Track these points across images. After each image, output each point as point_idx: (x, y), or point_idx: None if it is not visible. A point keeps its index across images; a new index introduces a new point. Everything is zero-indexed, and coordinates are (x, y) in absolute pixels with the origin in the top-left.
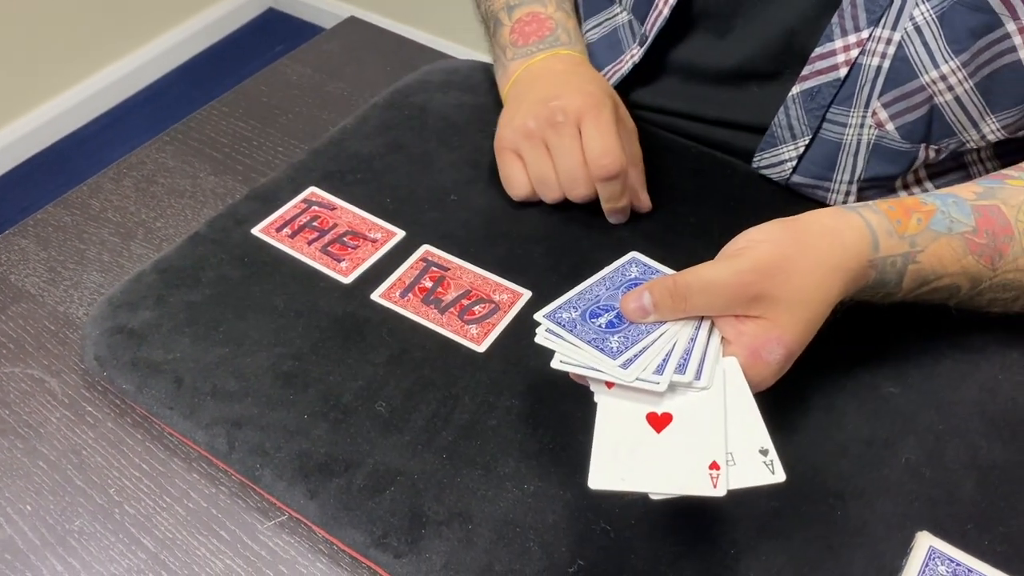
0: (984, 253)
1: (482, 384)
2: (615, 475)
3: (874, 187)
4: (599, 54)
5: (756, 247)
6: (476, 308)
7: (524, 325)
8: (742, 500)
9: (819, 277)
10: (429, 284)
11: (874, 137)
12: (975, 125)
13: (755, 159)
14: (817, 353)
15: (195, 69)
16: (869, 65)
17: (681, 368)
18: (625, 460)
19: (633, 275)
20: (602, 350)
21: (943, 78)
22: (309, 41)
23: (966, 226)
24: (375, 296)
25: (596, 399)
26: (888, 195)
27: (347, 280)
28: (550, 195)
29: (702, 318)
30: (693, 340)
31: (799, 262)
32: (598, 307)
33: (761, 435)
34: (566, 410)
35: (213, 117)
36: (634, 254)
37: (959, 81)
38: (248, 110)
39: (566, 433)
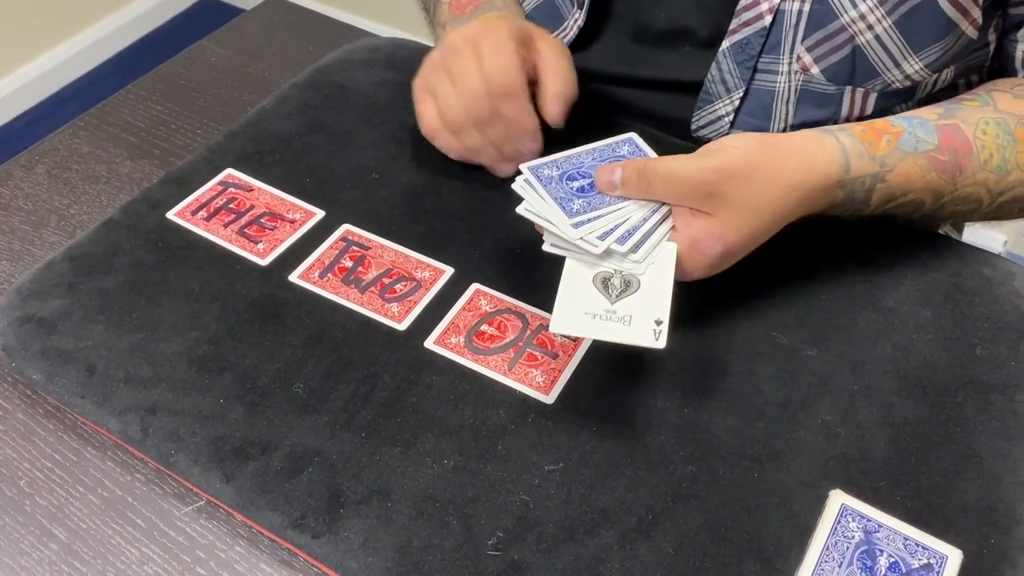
0: (946, 170)
1: (403, 362)
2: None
3: None
4: (538, 22)
5: (727, 151)
6: (397, 286)
7: (446, 302)
8: (659, 465)
9: (777, 190)
10: (349, 264)
11: (801, 82)
12: (897, 65)
13: (693, 120)
14: (737, 318)
15: (128, 60)
16: (791, 11)
17: (622, 240)
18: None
19: (623, 153)
20: (564, 208)
21: (862, 17)
22: (230, 22)
23: (930, 145)
24: (293, 277)
25: (544, 248)
26: None
27: (264, 262)
28: (451, 116)
29: (661, 204)
30: (645, 220)
31: (762, 173)
32: (578, 172)
33: (663, 310)
34: (488, 384)
35: (129, 101)
36: (632, 135)
37: (878, 20)
38: (166, 93)
39: (487, 407)
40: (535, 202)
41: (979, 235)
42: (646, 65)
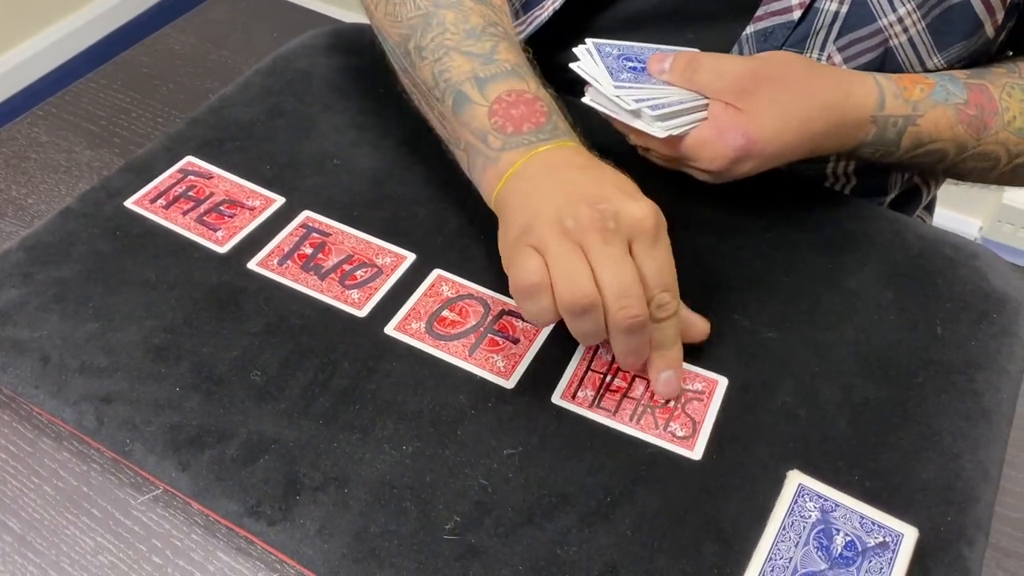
0: (972, 124)
1: (362, 349)
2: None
3: None
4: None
5: (774, 57)
6: (358, 273)
7: (407, 289)
8: (617, 450)
9: (809, 102)
10: (309, 250)
11: None
12: (922, 63)
13: None
14: (697, 300)
15: (101, 53)
16: (826, 10)
17: (655, 108)
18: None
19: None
20: (612, 75)
21: (900, 20)
22: (193, 10)
23: (960, 99)
24: (252, 265)
25: (583, 100)
26: None
27: (223, 250)
28: (572, 300)
29: (703, 98)
30: (682, 102)
31: (798, 84)
32: (635, 57)
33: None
34: (448, 369)
35: (90, 89)
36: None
37: (913, 23)
38: (127, 81)
39: (447, 392)
40: (589, 65)
41: (955, 221)
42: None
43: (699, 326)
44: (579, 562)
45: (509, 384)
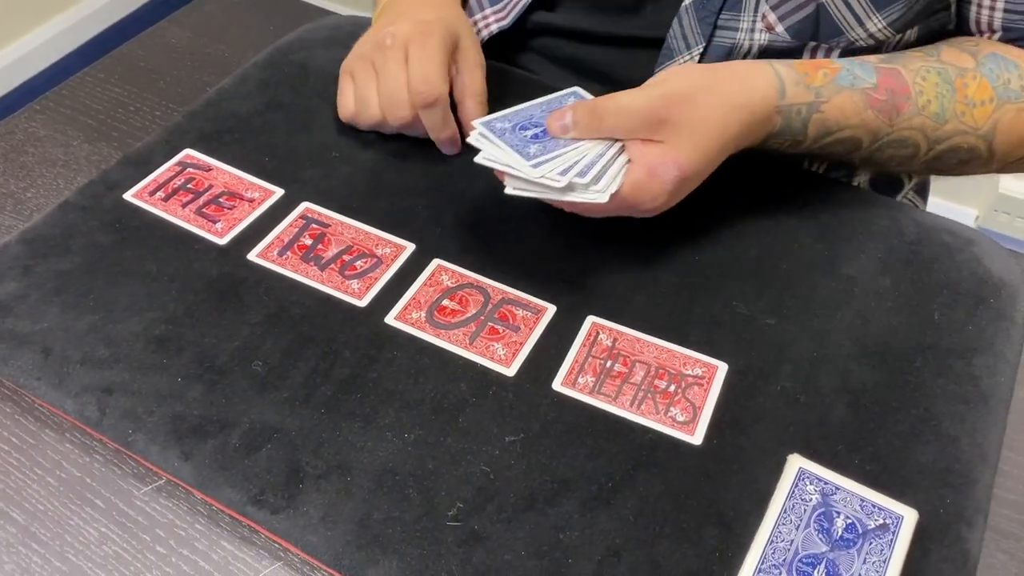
0: (883, 109)
1: (363, 338)
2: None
3: None
4: None
5: (671, 79)
6: (358, 263)
7: (407, 278)
8: (617, 436)
9: (721, 112)
10: (309, 241)
11: (765, 40)
12: (860, 23)
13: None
14: (695, 288)
15: (97, 49)
16: None
17: (583, 173)
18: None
19: (570, 103)
20: (521, 153)
21: None
22: (189, 4)
23: (868, 83)
24: (252, 256)
25: (507, 192)
26: None
27: (223, 241)
28: (367, 114)
29: (615, 141)
30: (601, 155)
31: (705, 96)
32: (529, 123)
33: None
34: (449, 358)
35: (87, 83)
36: (576, 88)
37: None
38: (124, 75)
39: (448, 381)
40: (492, 151)
41: (950, 210)
42: (605, 22)
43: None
44: (581, 547)
45: (510, 372)
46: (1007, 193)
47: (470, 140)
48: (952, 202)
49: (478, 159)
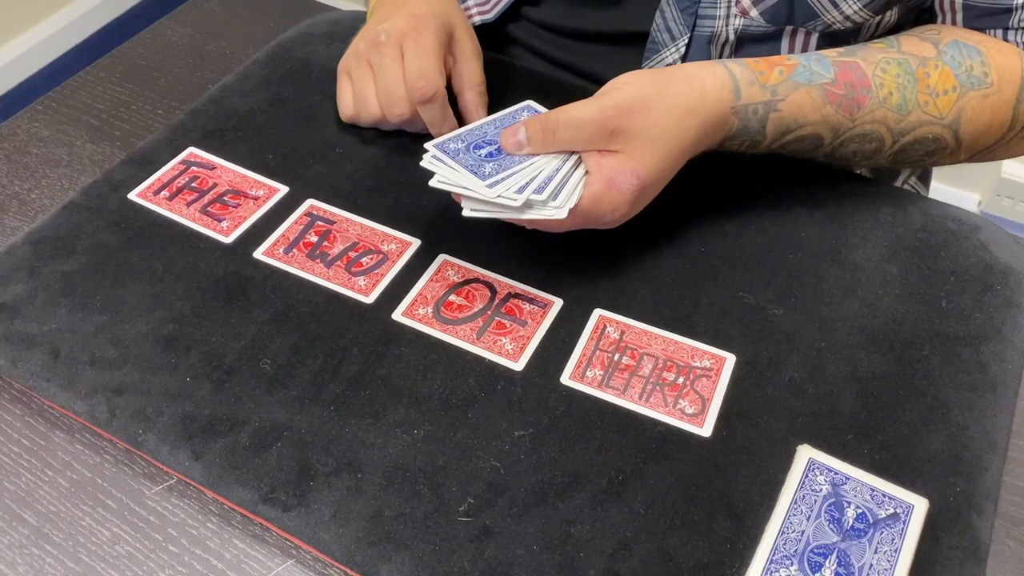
0: (843, 104)
1: (371, 335)
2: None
3: None
4: None
5: (621, 88)
6: (364, 260)
7: (414, 274)
8: (626, 429)
9: (675, 117)
10: (314, 238)
11: (741, 26)
12: (836, 5)
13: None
14: (702, 279)
15: (96, 46)
16: None
17: (540, 190)
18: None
19: (523, 118)
20: (476, 174)
21: None
22: (189, 0)
23: (825, 78)
24: (257, 254)
25: (464, 215)
26: None
27: (228, 240)
28: (367, 113)
29: (571, 154)
30: (557, 170)
31: (657, 102)
32: (483, 141)
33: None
34: (457, 354)
35: (89, 83)
36: (529, 102)
37: None
38: (125, 74)
39: (456, 376)
40: (447, 173)
41: (952, 195)
42: (589, 17)
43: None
44: (592, 540)
45: (518, 366)
46: (1009, 177)
47: (423, 163)
48: (954, 187)
49: (433, 182)
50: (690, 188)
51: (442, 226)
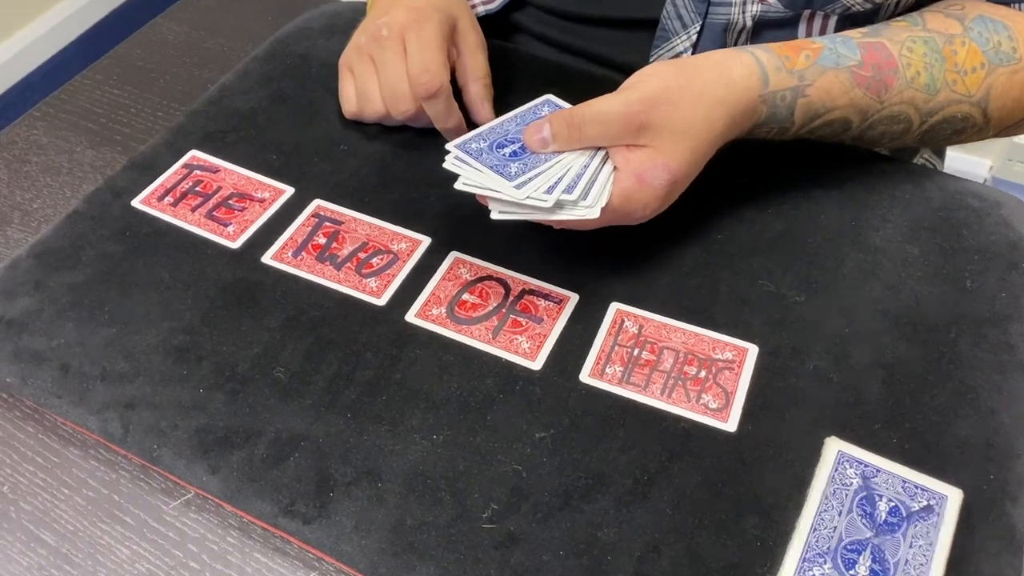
0: (870, 86)
1: (384, 338)
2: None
3: None
4: None
5: (647, 80)
6: (374, 260)
7: (425, 274)
8: (649, 426)
9: (704, 109)
10: (323, 240)
11: (759, 12)
12: None
13: (651, 58)
14: (720, 267)
15: (95, 40)
16: None
17: (570, 189)
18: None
19: (543, 113)
20: (502, 174)
21: None
22: None
23: (852, 60)
24: (266, 259)
25: (493, 217)
26: None
27: (235, 245)
28: (371, 109)
29: (598, 149)
30: (586, 167)
31: (684, 94)
32: (505, 139)
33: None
34: (473, 354)
35: (86, 87)
36: (549, 96)
37: None
38: (123, 76)
39: (473, 378)
40: (472, 175)
41: (964, 161)
42: (597, 3)
43: (482, 113)
44: (620, 543)
45: (535, 365)
46: (1022, 142)
47: (446, 165)
48: (966, 153)
49: (458, 185)
50: (706, 174)
51: (451, 222)
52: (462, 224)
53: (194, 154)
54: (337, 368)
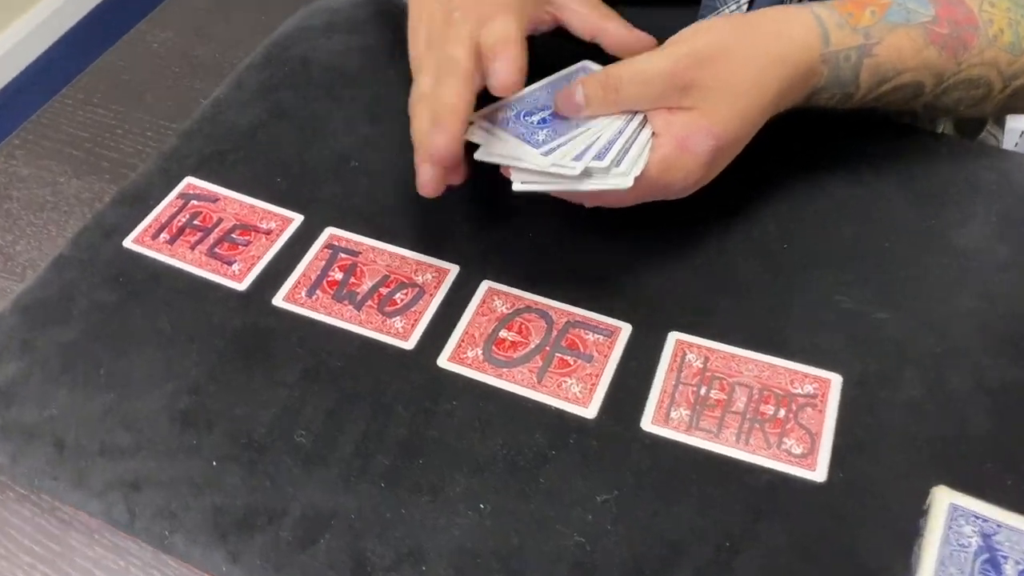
0: (947, 44)
1: (416, 388)
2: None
3: None
4: None
5: (697, 36)
6: (397, 296)
7: (456, 308)
8: (727, 481)
9: (757, 68)
10: (339, 276)
11: None
12: None
13: None
14: (790, 284)
15: (82, 36)
16: None
17: (601, 155)
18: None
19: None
20: (528, 142)
21: None
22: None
23: (925, 16)
24: (277, 300)
25: (515, 188)
26: None
27: (242, 286)
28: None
29: (635, 114)
30: (620, 132)
31: (737, 51)
32: (535, 107)
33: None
34: (517, 402)
35: (67, 108)
36: (585, 62)
37: None
38: (107, 93)
39: (519, 432)
40: (493, 144)
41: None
42: None
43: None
44: None
45: (589, 413)
46: None
47: (468, 136)
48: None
49: (478, 155)
50: (760, 169)
51: (481, 247)
52: (493, 248)
53: (189, 181)
54: (365, 427)
